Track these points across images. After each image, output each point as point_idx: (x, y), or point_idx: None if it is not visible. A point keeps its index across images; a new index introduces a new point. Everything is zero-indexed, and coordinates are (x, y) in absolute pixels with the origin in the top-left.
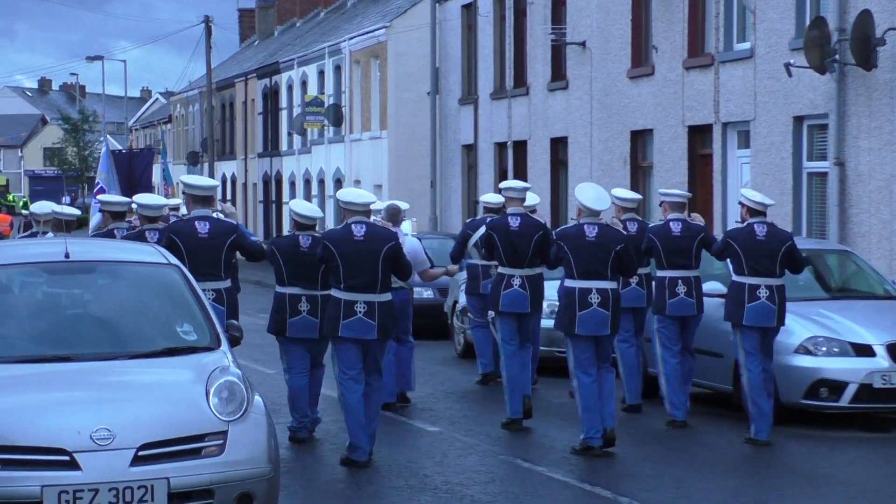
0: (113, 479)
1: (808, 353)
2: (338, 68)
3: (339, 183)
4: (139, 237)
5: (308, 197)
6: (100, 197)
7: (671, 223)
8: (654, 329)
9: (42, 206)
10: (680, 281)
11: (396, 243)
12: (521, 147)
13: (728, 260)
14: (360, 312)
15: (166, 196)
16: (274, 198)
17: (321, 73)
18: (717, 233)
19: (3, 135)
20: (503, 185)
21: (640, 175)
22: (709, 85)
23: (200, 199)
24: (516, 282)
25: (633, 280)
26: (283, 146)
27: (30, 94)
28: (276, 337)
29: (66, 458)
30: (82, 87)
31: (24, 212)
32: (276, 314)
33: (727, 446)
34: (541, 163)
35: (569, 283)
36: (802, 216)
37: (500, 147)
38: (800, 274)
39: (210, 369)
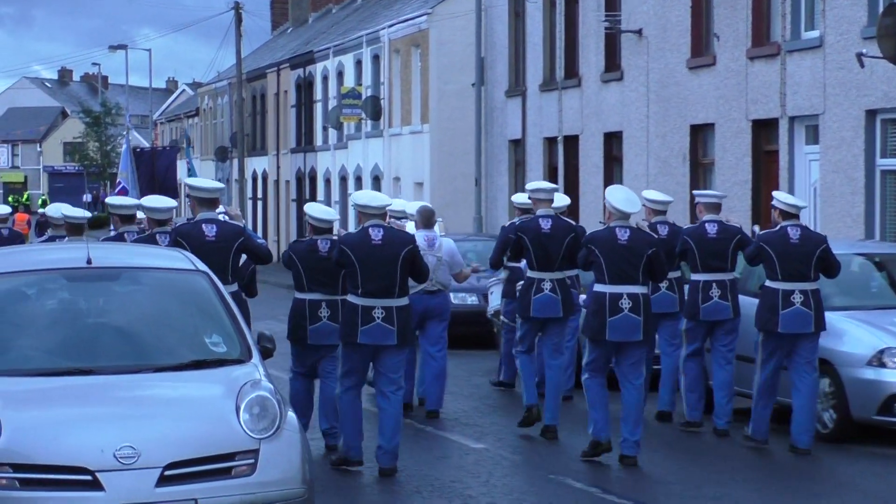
0: (138, 501)
1: (882, 365)
2: (376, 58)
3: (377, 180)
4: (149, 241)
5: (344, 195)
6: (108, 200)
7: (706, 224)
8: (682, 330)
9: (56, 209)
10: (714, 284)
11: (414, 246)
12: (572, 142)
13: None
14: (378, 318)
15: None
16: (308, 196)
17: (358, 63)
18: None
19: (20, 129)
20: (530, 186)
21: (700, 173)
22: (775, 76)
23: (206, 201)
24: (547, 286)
25: (663, 285)
26: (318, 141)
27: (49, 85)
28: (292, 344)
29: (89, 477)
30: (104, 78)
31: (40, 210)
32: (295, 321)
33: (808, 467)
34: (593, 159)
35: (598, 287)
36: (875, 217)
37: (550, 142)
38: (836, 277)
39: (240, 383)
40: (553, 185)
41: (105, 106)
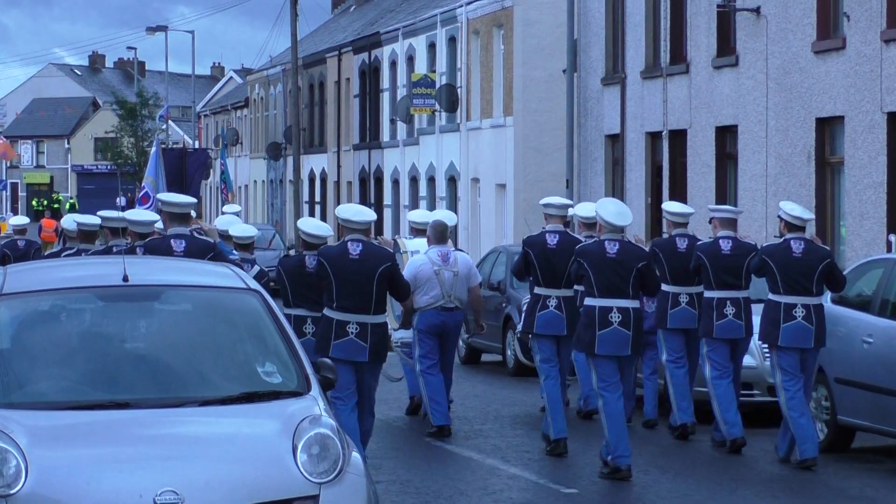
0: None
1: None
2: (452, 40)
3: (452, 182)
4: (130, 253)
5: (415, 199)
6: (99, 213)
7: (720, 241)
8: (704, 353)
9: (69, 221)
10: (728, 302)
11: (392, 264)
12: (679, 137)
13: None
14: (351, 333)
15: (225, 202)
16: (373, 199)
17: (431, 47)
18: None
19: (46, 122)
20: (543, 201)
21: (827, 172)
22: None
23: (177, 216)
24: (552, 303)
25: (684, 300)
26: (385, 136)
27: (79, 72)
28: None
29: None
30: (141, 64)
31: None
32: None
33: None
34: (703, 157)
35: (589, 301)
36: None
37: (653, 137)
38: (841, 291)
39: (297, 420)
40: (567, 201)
41: (141, 96)
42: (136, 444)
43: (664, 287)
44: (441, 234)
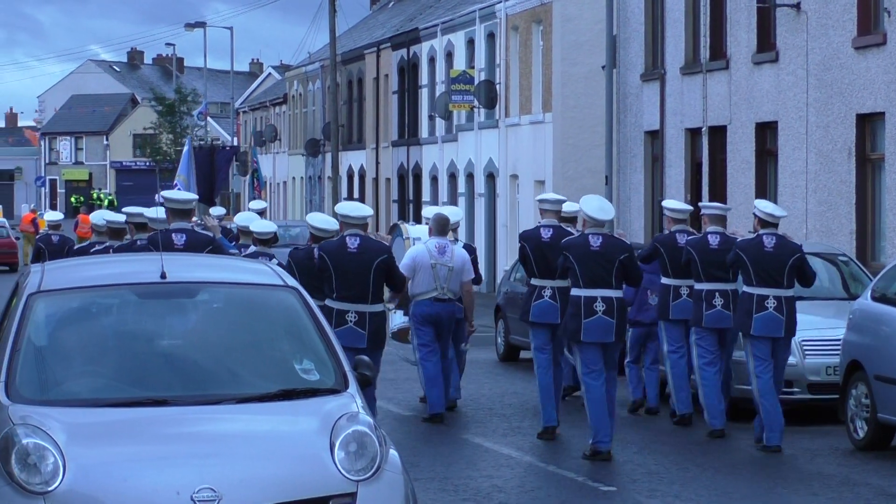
0: None
1: None
2: (491, 36)
3: (491, 178)
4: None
5: (454, 196)
6: (123, 210)
7: (709, 236)
8: (692, 341)
9: (98, 216)
10: (717, 293)
11: (388, 256)
12: (718, 134)
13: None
14: (350, 322)
15: (256, 198)
16: (411, 196)
17: (470, 43)
18: None
19: (85, 119)
20: (539, 197)
21: (867, 169)
22: None
23: (179, 212)
24: (547, 293)
25: (684, 292)
26: (423, 133)
27: (117, 69)
28: None
29: None
30: (180, 60)
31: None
32: None
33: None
34: (743, 153)
35: (575, 291)
36: None
37: (693, 134)
38: (810, 286)
39: (335, 417)
40: (560, 197)
41: (180, 92)
42: (173, 441)
43: (665, 280)
44: (442, 227)
